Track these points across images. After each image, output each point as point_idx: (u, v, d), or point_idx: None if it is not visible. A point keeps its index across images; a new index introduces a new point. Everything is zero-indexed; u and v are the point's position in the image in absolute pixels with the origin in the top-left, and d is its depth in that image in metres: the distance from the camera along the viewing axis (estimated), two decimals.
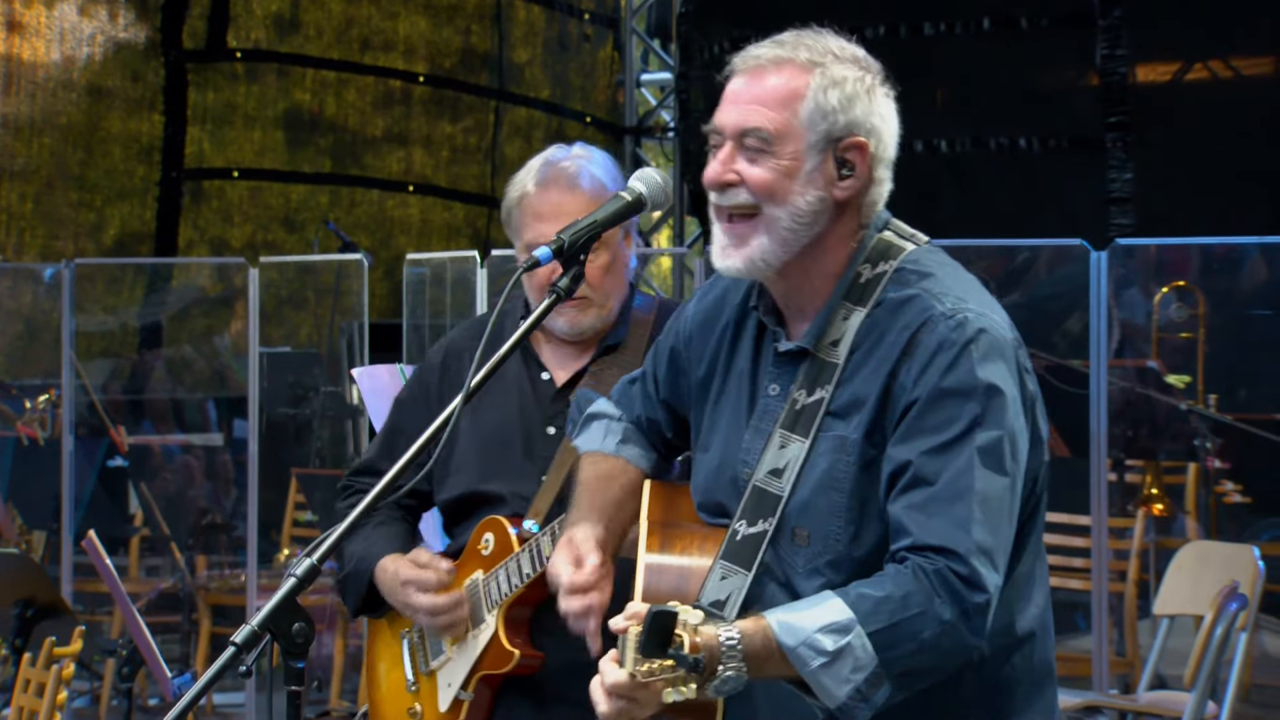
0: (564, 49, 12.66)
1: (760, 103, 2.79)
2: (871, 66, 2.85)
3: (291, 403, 9.67)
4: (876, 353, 2.75)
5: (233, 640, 2.59)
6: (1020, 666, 2.82)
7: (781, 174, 2.77)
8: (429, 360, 3.92)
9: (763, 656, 2.55)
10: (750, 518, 2.78)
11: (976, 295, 2.79)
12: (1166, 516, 8.05)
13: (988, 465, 2.66)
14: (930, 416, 2.68)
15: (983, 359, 2.70)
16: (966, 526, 2.62)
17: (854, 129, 2.79)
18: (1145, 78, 10.41)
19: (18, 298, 10.17)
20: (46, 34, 10.73)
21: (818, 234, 2.79)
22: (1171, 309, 8.45)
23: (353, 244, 10.47)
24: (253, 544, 8.12)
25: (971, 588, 2.61)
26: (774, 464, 2.78)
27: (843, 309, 2.80)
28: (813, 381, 2.78)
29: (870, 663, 2.57)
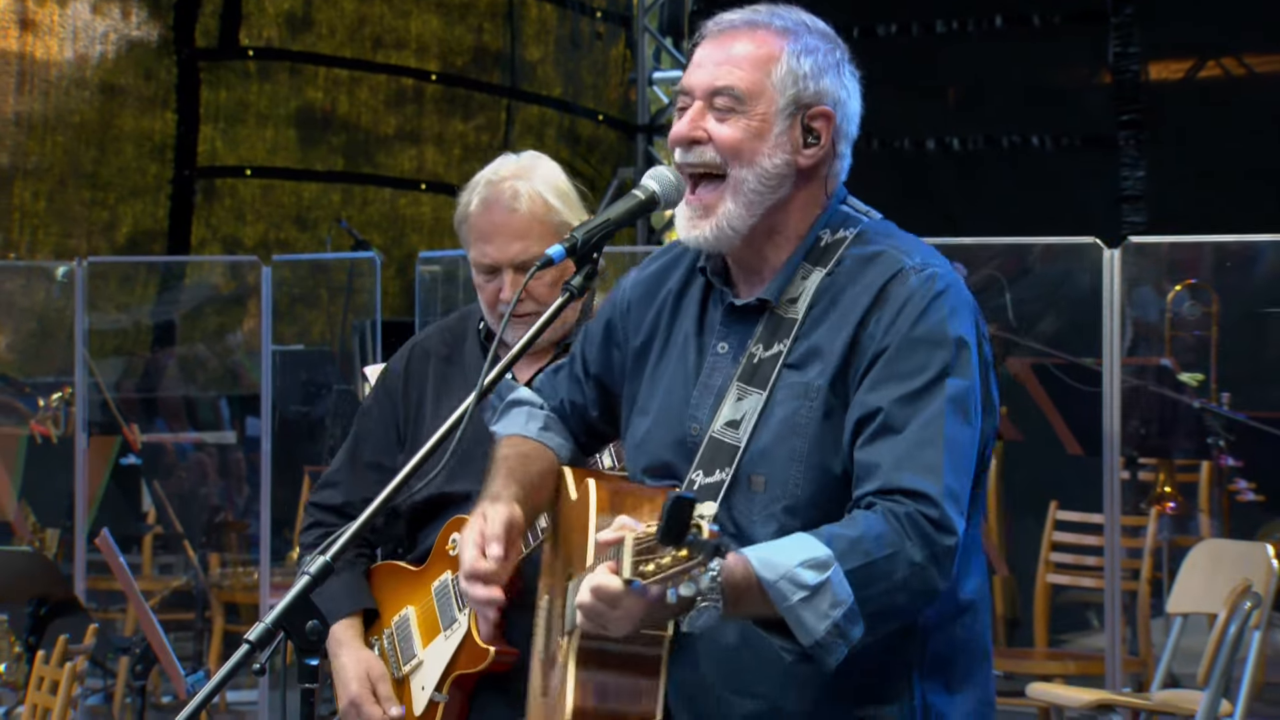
0: (576, 47, 12.66)
1: (733, 63, 2.81)
2: (840, 44, 2.88)
3: (304, 401, 9.68)
4: (839, 305, 2.78)
5: (246, 638, 2.58)
6: (962, 636, 2.83)
7: (751, 134, 2.79)
8: (391, 367, 3.92)
9: (741, 589, 2.54)
10: (707, 468, 2.79)
11: (939, 257, 2.84)
12: (1180, 515, 8.04)
13: (957, 413, 2.70)
14: (901, 364, 2.71)
15: (952, 312, 2.75)
16: (937, 471, 2.65)
17: (822, 98, 2.82)
18: (1158, 75, 10.40)
19: (31, 296, 10.18)
20: (59, 32, 10.75)
21: (781, 199, 2.82)
22: (1184, 307, 8.44)
23: (365, 242, 10.48)
24: (265, 542, 8.13)
25: (941, 530, 2.63)
26: (731, 416, 2.79)
27: (802, 269, 2.83)
28: (771, 336, 2.80)
29: (848, 599, 2.57)
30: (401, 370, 3.87)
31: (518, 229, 3.61)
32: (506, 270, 3.63)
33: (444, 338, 3.88)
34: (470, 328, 3.84)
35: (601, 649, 2.76)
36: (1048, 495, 7.57)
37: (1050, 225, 9.68)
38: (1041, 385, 7.79)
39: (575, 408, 3.11)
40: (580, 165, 12.40)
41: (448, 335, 3.89)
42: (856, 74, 2.88)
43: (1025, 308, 8.48)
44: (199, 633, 9.02)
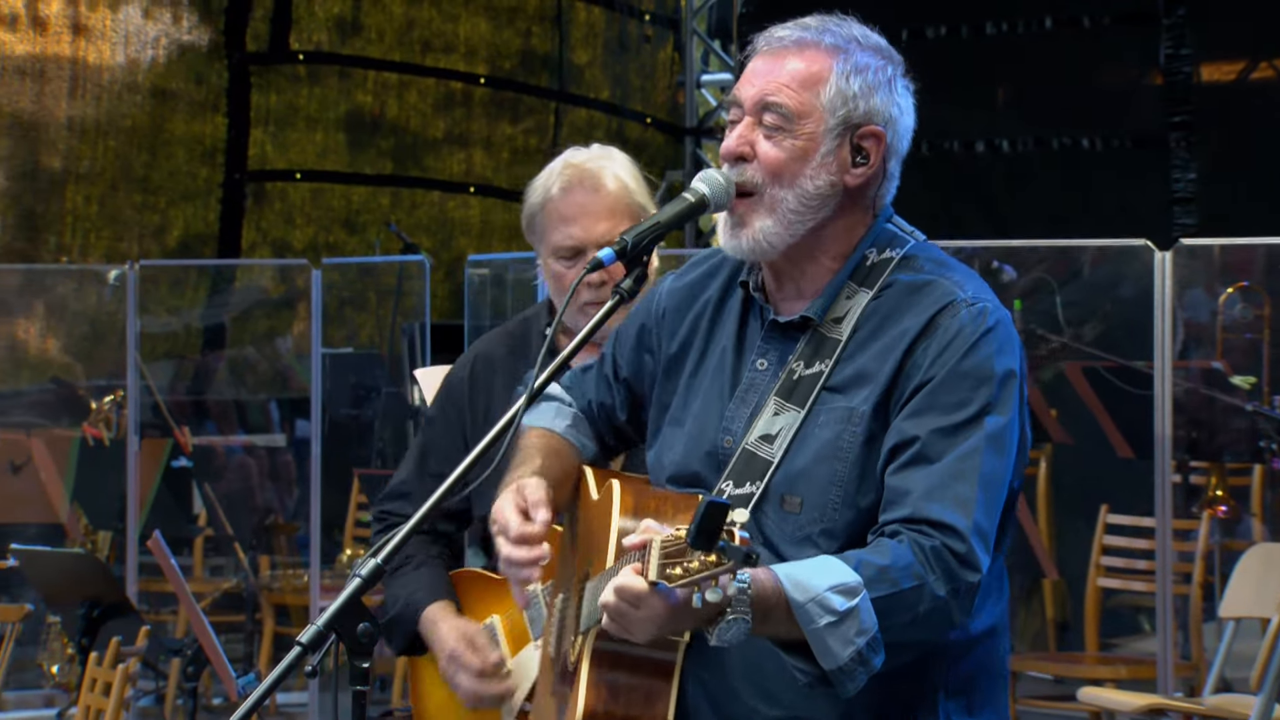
0: (624, 50, 12.67)
1: (783, 81, 2.79)
2: (894, 58, 2.86)
3: (353, 403, 9.71)
4: (887, 332, 2.76)
5: (299, 640, 2.58)
6: (984, 660, 2.83)
7: (796, 155, 2.78)
8: (454, 375, 3.88)
9: (770, 606, 2.53)
10: (737, 480, 2.78)
11: (989, 289, 2.82)
12: (1232, 518, 7.99)
13: (994, 450, 2.68)
14: (944, 395, 2.69)
15: (999, 350, 2.73)
16: (968, 506, 2.64)
17: (872, 117, 2.80)
18: (1209, 77, 10.34)
19: (83, 299, 10.24)
20: (111, 37, 10.81)
21: (824, 219, 2.80)
22: (1236, 309, 8.39)
23: (414, 245, 10.51)
24: (315, 544, 8.16)
25: (966, 566, 2.62)
26: (766, 430, 2.78)
27: (847, 289, 2.81)
28: (812, 354, 2.79)
29: (872, 628, 2.56)
30: (466, 378, 3.84)
31: (604, 209, 3.59)
32: (591, 251, 3.57)
33: (507, 343, 3.87)
34: (534, 331, 3.82)
35: (616, 651, 2.75)
36: (1098, 498, 7.53)
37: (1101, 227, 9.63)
38: (1092, 388, 7.75)
39: (603, 409, 3.10)
40: None
41: (511, 341, 3.87)
42: (911, 88, 2.86)
43: (1076, 310, 8.44)
44: (249, 634, 9.06)
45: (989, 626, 2.81)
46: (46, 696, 8.57)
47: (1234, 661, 6.33)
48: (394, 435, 9.80)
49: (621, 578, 2.53)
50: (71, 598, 5.51)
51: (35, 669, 8.38)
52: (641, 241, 2.83)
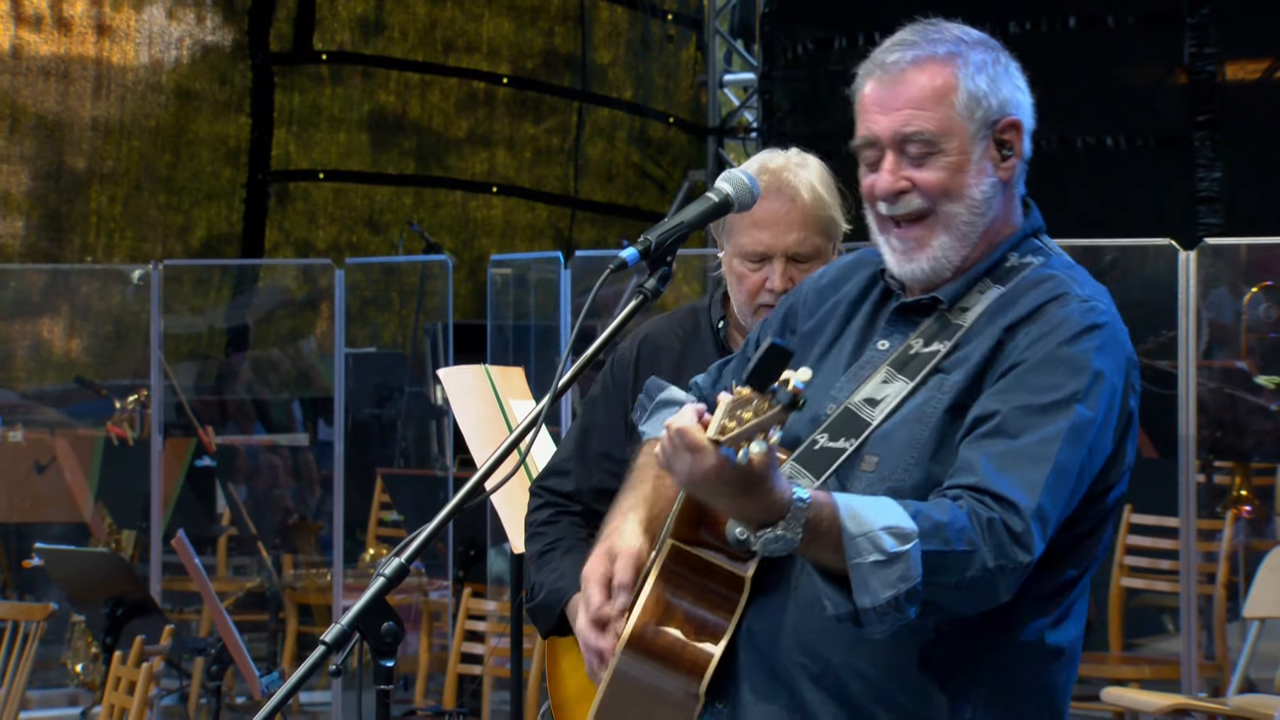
0: (647, 49, 12.66)
1: (914, 105, 2.79)
2: (996, 45, 2.87)
3: (376, 403, 9.73)
4: (1000, 318, 2.76)
5: (322, 639, 2.59)
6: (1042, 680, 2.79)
7: (954, 170, 2.78)
8: (620, 356, 3.88)
9: (821, 531, 2.53)
10: (833, 434, 2.77)
11: (1109, 301, 2.81)
12: (1256, 518, 7.97)
13: (1074, 441, 2.66)
14: (1034, 377, 2.68)
15: (1101, 348, 2.72)
16: (1035, 488, 2.62)
17: (1006, 108, 2.82)
18: (1234, 75, 10.30)
19: (107, 299, 10.27)
20: (135, 37, 10.84)
21: (991, 218, 2.81)
22: (1261, 309, 8.36)
23: (437, 245, 10.52)
24: (338, 543, 8.17)
25: (1018, 545, 2.60)
26: (872, 394, 2.78)
27: (981, 284, 2.81)
28: (933, 336, 2.79)
29: (916, 577, 2.54)
30: (631, 361, 3.84)
31: (797, 219, 3.61)
32: (779, 259, 3.63)
33: (676, 331, 3.87)
34: (703, 324, 3.83)
35: (681, 574, 2.75)
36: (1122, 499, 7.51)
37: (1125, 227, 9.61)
38: None
39: None
40: (651, 168, 12.40)
41: (680, 330, 3.88)
42: (1019, 66, 2.87)
43: None
44: (273, 634, 9.08)
45: (1055, 647, 2.79)
46: (70, 695, 8.60)
47: (1258, 662, 6.31)
48: (417, 435, 9.81)
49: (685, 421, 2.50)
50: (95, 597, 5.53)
51: (60, 668, 8.42)
52: (665, 241, 2.83)
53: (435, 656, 8.15)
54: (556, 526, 3.82)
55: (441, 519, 2.73)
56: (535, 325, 8.55)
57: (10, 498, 8.97)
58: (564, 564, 3.73)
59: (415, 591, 8.25)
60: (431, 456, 9.60)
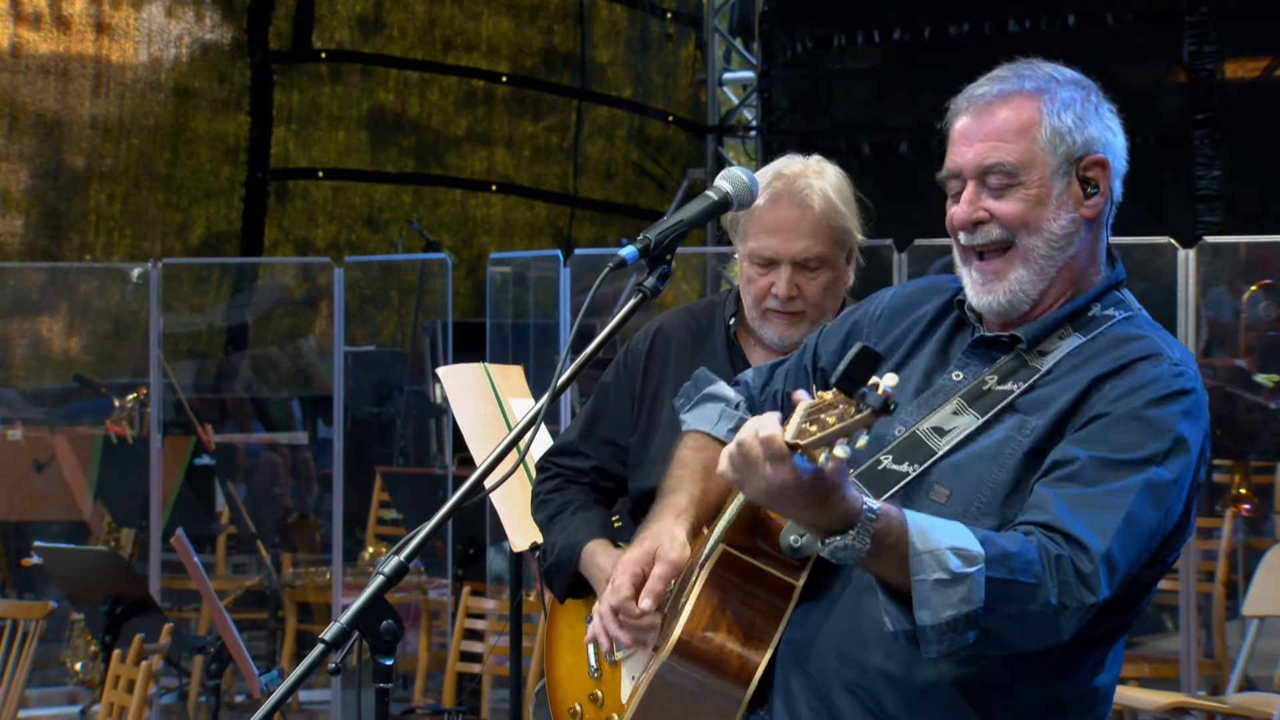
0: (646, 48, 12.66)
1: (996, 137, 2.80)
2: (1086, 83, 2.88)
3: (376, 401, 9.73)
4: (1084, 370, 2.76)
5: (322, 637, 2.59)
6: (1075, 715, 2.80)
7: (1032, 203, 2.79)
8: (634, 345, 3.91)
9: (888, 544, 2.53)
10: (897, 457, 2.78)
11: (1196, 368, 2.81)
12: (1256, 516, 7.97)
13: (1150, 498, 2.67)
14: (1117, 433, 2.68)
15: (1187, 414, 2.72)
16: (1107, 533, 2.62)
17: (1092, 146, 2.82)
18: (1233, 74, 10.30)
19: (106, 297, 10.27)
20: (134, 35, 10.83)
21: (1071, 255, 2.82)
22: (1260, 307, 8.37)
23: (436, 243, 10.51)
24: (338, 542, 8.17)
25: (1086, 587, 2.60)
26: (940, 423, 2.79)
27: (1061, 330, 2.81)
28: (1008, 374, 2.79)
29: (978, 603, 2.55)
30: (644, 351, 3.86)
31: (807, 227, 3.63)
32: (785, 266, 3.65)
33: (690, 325, 3.90)
34: (718, 319, 3.84)
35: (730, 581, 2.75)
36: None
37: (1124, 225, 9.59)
38: None
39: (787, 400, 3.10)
40: (650, 166, 12.40)
41: (693, 324, 3.90)
42: (1114, 109, 2.88)
43: None
44: (272, 632, 9.08)
45: (1097, 686, 2.80)
46: (70, 693, 8.60)
47: (1258, 660, 6.31)
48: (416, 433, 9.81)
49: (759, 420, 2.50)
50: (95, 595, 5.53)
51: (59, 666, 8.42)
52: (664, 240, 2.83)
53: (434, 655, 8.15)
54: (565, 492, 3.86)
55: (441, 517, 2.73)
56: (534, 323, 8.56)
57: (9, 496, 8.97)
58: (574, 521, 3.76)
59: (414, 590, 8.25)
60: (431, 455, 9.60)
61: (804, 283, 3.63)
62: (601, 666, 3.74)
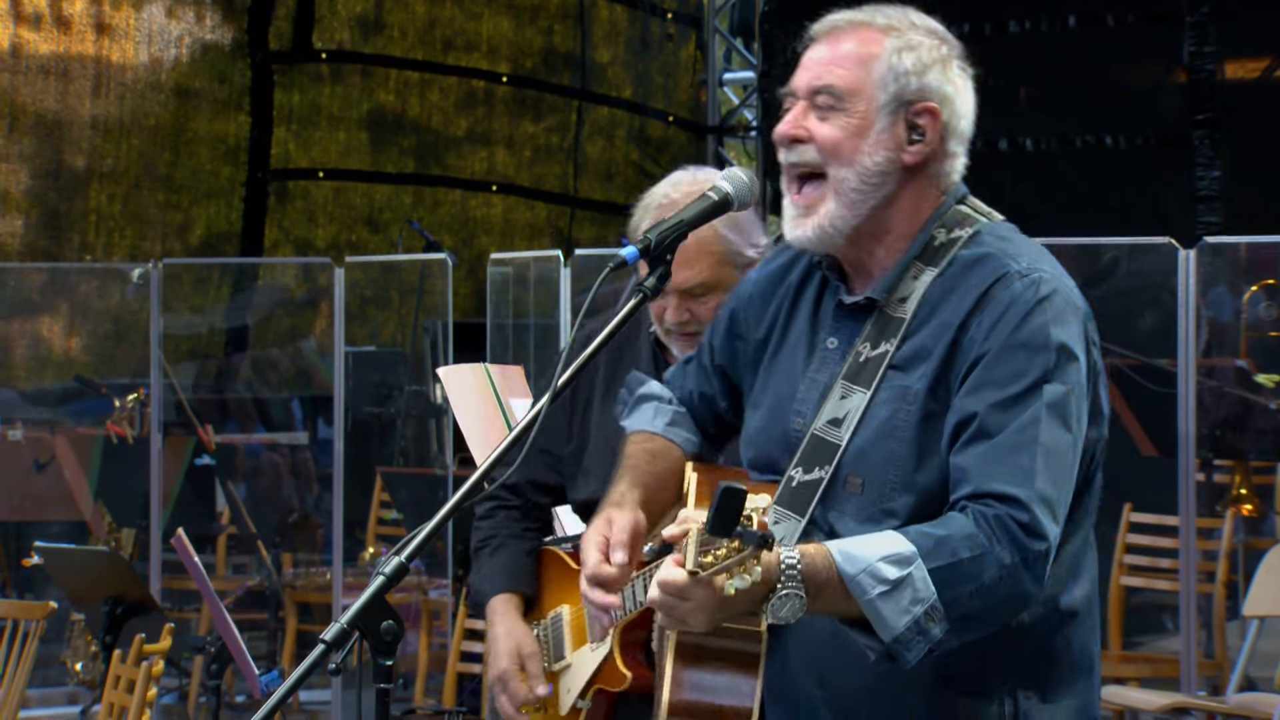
0: (646, 48, 12.66)
1: (834, 63, 2.81)
2: (950, 40, 2.87)
3: (376, 402, 9.72)
4: (945, 308, 2.75)
5: (322, 638, 2.59)
6: (1062, 645, 2.80)
7: (851, 132, 2.78)
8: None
9: (822, 581, 2.53)
10: (806, 465, 2.78)
11: (1051, 262, 2.80)
12: (1256, 517, 7.97)
13: (1054, 419, 2.66)
14: (999, 369, 2.68)
15: (1055, 318, 2.71)
16: (1029, 475, 2.61)
17: (926, 94, 2.80)
18: (1233, 74, 10.30)
19: (106, 298, 10.27)
20: (134, 36, 10.83)
21: (886, 196, 2.80)
22: (1260, 308, 8.36)
23: (436, 243, 10.51)
24: (338, 542, 8.17)
25: (1031, 535, 2.59)
26: (834, 414, 2.78)
27: (913, 269, 2.80)
28: (878, 335, 2.78)
29: (930, 597, 2.55)
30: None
31: (688, 257, 3.58)
32: (672, 294, 3.65)
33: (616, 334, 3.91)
34: (643, 325, 3.85)
35: (699, 643, 2.76)
36: (1121, 497, 7.51)
37: (1125, 225, 9.60)
38: (1116, 386, 7.74)
39: (704, 398, 3.11)
40: (650, 166, 12.39)
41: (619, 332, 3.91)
42: (969, 71, 2.87)
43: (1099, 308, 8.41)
44: (272, 632, 9.08)
45: (1069, 609, 2.78)
46: (70, 694, 8.60)
47: (1258, 660, 6.31)
48: (416, 434, 9.81)
49: (663, 570, 2.54)
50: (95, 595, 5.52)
51: (59, 666, 8.42)
52: (665, 240, 2.84)
53: (435, 655, 8.15)
54: (491, 521, 3.90)
55: (441, 517, 2.73)
56: (535, 324, 8.55)
57: (10, 496, 8.97)
58: (488, 565, 3.82)
59: (415, 590, 8.25)
60: (431, 455, 9.59)
61: (694, 307, 3.62)
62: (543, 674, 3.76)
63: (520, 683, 3.68)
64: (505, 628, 3.74)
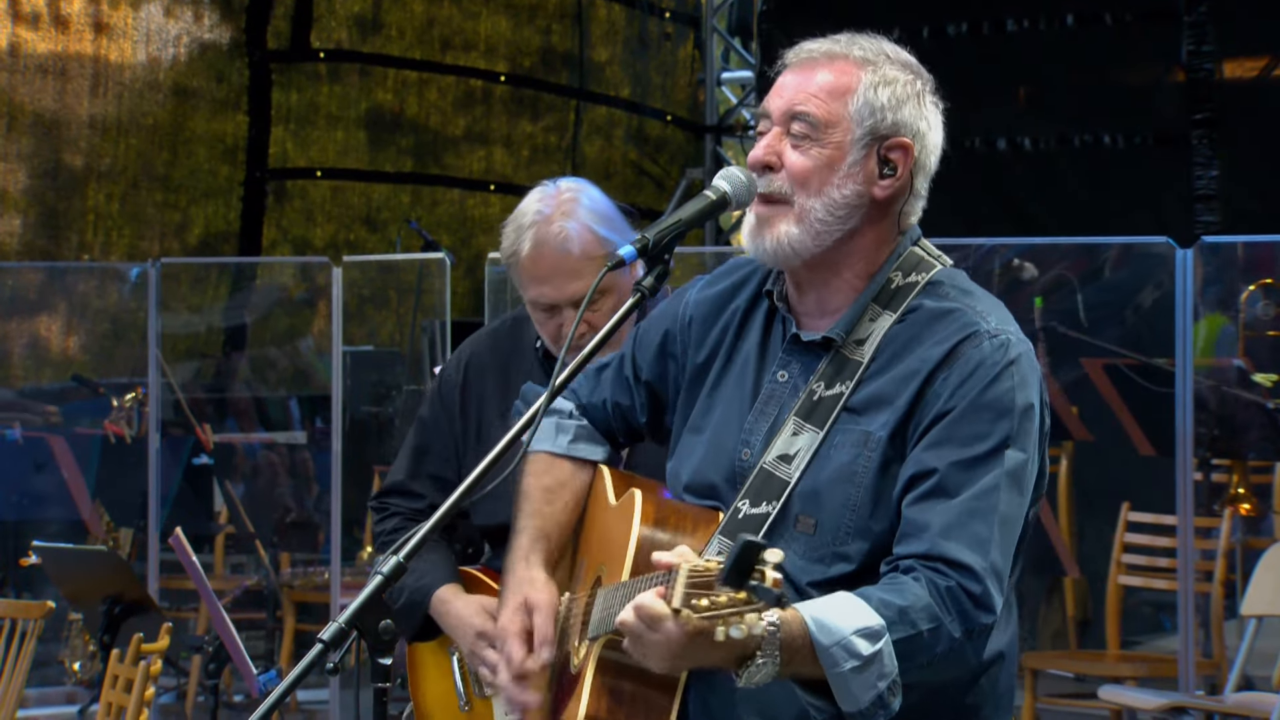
0: (644, 47, 12.66)
1: (811, 91, 2.81)
2: (923, 74, 2.87)
3: (374, 401, 9.72)
4: (907, 357, 2.75)
5: (320, 637, 2.59)
6: (987, 688, 2.82)
7: (823, 163, 2.78)
8: (446, 377, 3.90)
9: (795, 648, 2.52)
10: (754, 499, 2.77)
11: (1013, 322, 2.80)
12: (1254, 516, 7.97)
13: (1012, 488, 2.67)
14: (963, 428, 2.68)
15: (1021, 383, 2.71)
16: (986, 546, 2.62)
17: (900, 129, 2.80)
18: (1232, 73, 10.30)
19: (104, 297, 10.27)
20: (133, 35, 10.83)
21: (850, 230, 2.80)
22: (1258, 307, 8.36)
23: (434, 243, 10.51)
24: (336, 541, 8.17)
25: (980, 607, 2.61)
26: (784, 450, 2.77)
27: (870, 310, 2.80)
28: (834, 375, 2.78)
29: (893, 672, 2.56)
30: (459, 384, 3.86)
31: (573, 268, 3.62)
32: (567, 308, 3.64)
33: (499, 349, 3.88)
34: (527, 339, 3.83)
35: (622, 661, 2.74)
36: (1119, 496, 7.52)
37: (1123, 225, 9.61)
38: (1114, 385, 7.74)
39: (620, 409, 3.09)
40: (648, 166, 12.40)
41: (502, 345, 3.89)
42: (940, 105, 2.87)
43: (1097, 308, 8.42)
44: (270, 632, 9.07)
45: (996, 653, 2.80)
46: (68, 693, 8.60)
47: (1256, 660, 6.31)
48: None
49: (644, 598, 2.51)
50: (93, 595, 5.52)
51: (57, 666, 8.42)
52: (663, 239, 2.83)
53: None
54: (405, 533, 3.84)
55: (439, 517, 2.73)
56: None
57: (8, 496, 8.97)
58: (421, 564, 3.72)
59: None
60: None
61: (590, 316, 3.59)
62: (471, 699, 3.71)
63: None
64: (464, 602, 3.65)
